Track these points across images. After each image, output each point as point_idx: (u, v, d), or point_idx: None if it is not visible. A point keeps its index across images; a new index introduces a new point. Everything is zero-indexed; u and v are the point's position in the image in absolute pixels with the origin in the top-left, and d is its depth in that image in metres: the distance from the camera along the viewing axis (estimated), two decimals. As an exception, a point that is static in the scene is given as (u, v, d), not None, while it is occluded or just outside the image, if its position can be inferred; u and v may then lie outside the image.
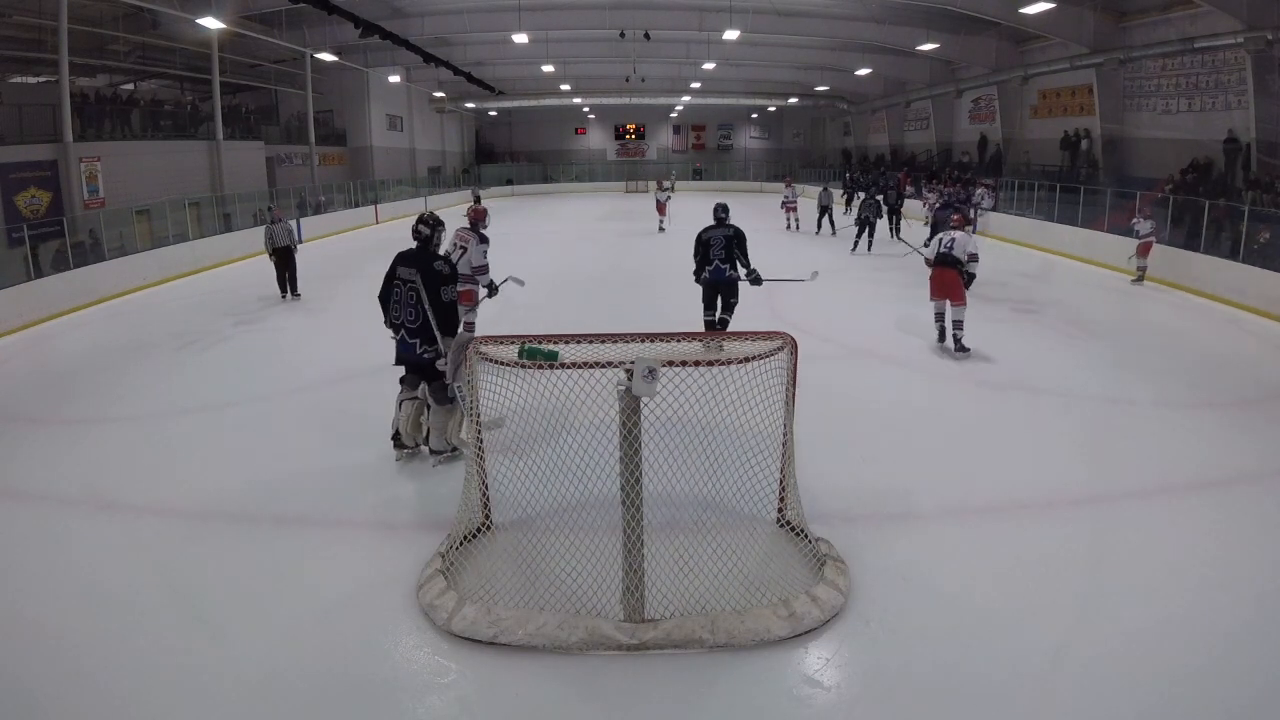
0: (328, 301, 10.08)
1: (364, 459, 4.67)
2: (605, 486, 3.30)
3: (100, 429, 5.48)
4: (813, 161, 36.43)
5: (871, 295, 10.19)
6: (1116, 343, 7.64)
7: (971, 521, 3.91)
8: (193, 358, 7.40)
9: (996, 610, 3.13)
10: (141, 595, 3.30)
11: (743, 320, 7.22)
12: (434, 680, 2.78)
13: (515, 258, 11.65)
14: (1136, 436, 5.14)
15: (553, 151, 39.25)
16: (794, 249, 14.43)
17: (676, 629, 2.92)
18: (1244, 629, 3.00)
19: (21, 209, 13.34)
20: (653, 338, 3.30)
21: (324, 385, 6.31)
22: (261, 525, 3.95)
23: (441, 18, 19.90)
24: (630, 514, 2.93)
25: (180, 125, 18.48)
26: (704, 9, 18.98)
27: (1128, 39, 15.79)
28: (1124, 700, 2.61)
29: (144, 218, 13.55)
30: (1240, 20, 12.61)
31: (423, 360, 4.37)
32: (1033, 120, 20.39)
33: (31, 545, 3.79)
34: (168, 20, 16.31)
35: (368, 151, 26.19)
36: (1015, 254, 14.22)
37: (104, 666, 2.84)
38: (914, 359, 6.91)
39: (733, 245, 6.51)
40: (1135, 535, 3.78)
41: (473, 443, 3.55)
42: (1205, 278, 10.09)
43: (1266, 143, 13.00)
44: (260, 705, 2.65)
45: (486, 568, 3.39)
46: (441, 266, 4.36)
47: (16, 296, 9.14)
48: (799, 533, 3.50)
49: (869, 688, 2.73)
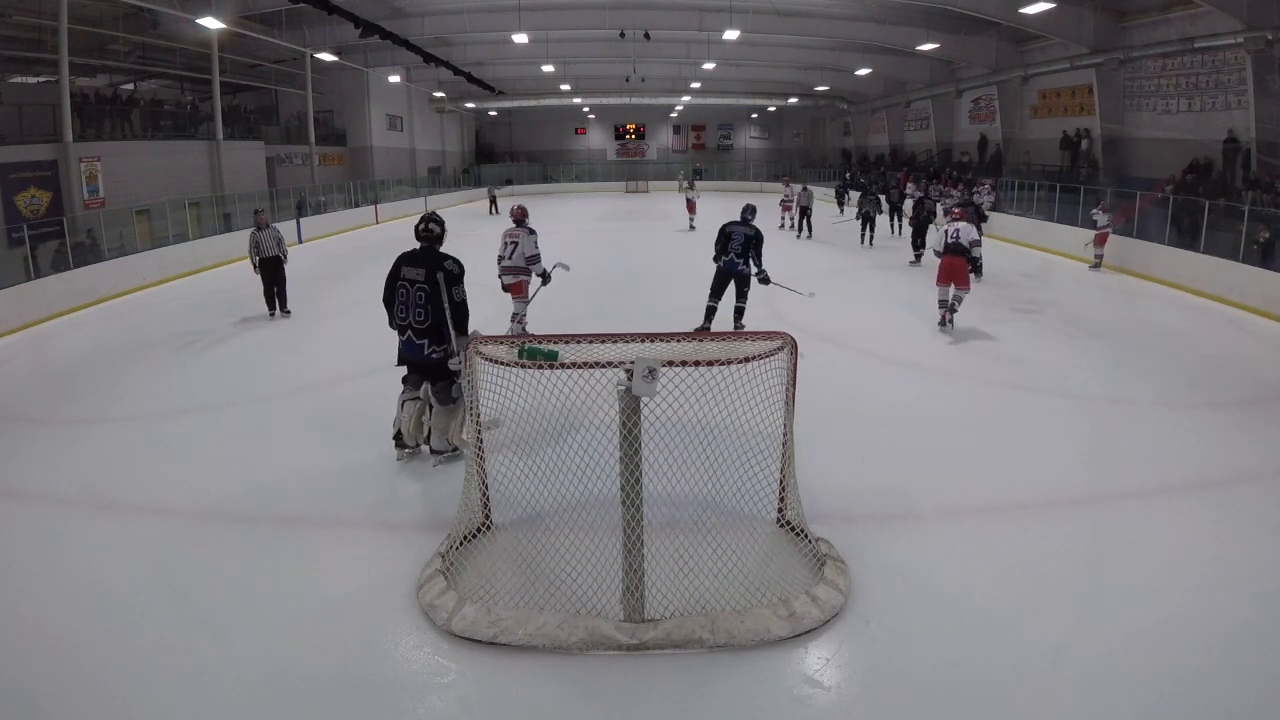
0: (326, 306, 10.05)
1: (364, 459, 4.67)
2: (605, 486, 3.30)
3: (100, 429, 5.48)
4: (813, 161, 36.42)
5: (871, 296, 10.20)
6: (1116, 343, 7.65)
7: (971, 521, 3.90)
8: (193, 358, 7.40)
9: (996, 610, 3.13)
10: (141, 595, 3.30)
11: (743, 320, 7.36)
12: (434, 680, 2.78)
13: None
14: (1136, 436, 5.14)
15: (553, 151, 39.24)
16: (790, 249, 14.43)
17: (676, 629, 2.92)
18: (1244, 629, 3.00)
19: (21, 209, 13.33)
20: (653, 338, 3.30)
21: (324, 385, 6.30)
22: (261, 525, 3.95)
23: (441, 18, 19.89)
24: (630, 514, 2.93)
25: (180, 125, 18.47)
26: (704, 9, 18.97)
27: (1128, 39, 15.79)
28: (1124, 700, 2.61)
29: (144, 218, 13.54)
30: (1240, 20, 12.60)
31: (430, 361, 4.36)
32: (1033, 120, 20.38)
33: (31, 545, 3.79)
34: (168, 20, 16.31)
35: (368, 151, 26.18)
36: (1015, 254, 14.22)
37: (104, 666, 2.84)
38: (914, 359, 6.91)
39: (750, 244, 7.17)
40: (1135, 535, 3.78)
41: (473, 443, 3.55)
42: (1205, 278, 10.10)
43: (1266, 143, 12.99)
44: (260, 705, 2.65)
45: (486, 568, 3.39)
46: (452, 266, 4.36)
47: (16, 296, 9.14)
48: (799, 533, 3.50)
49: (869, 688, 2.73)
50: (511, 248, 6.88)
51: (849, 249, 14.59)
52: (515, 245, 6.85)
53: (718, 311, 7.45)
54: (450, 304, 4.31)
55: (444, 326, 4.32)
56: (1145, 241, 11.80)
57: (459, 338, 4.32)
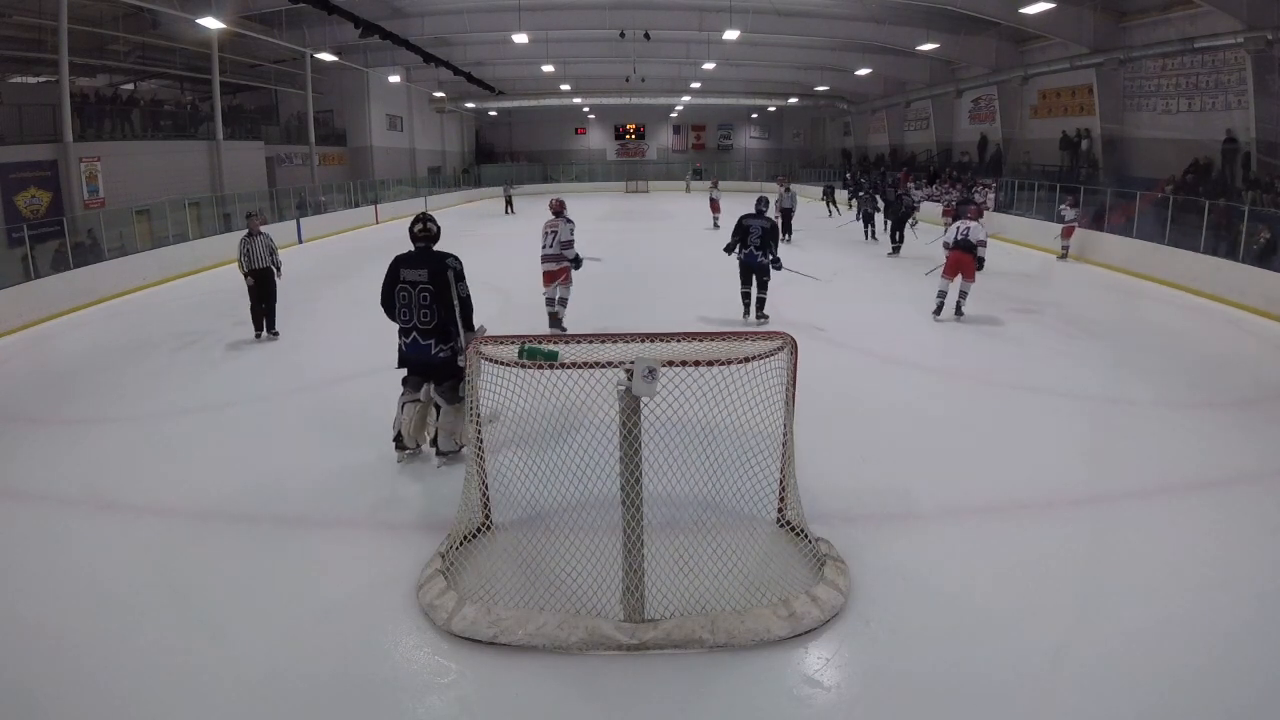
0: (326, 306, 10.06)
1: (364, 459, 4.67)
2: (605, 486, 3.30)
3: (100, 429, 5.48)
4: (813, 161, 36.43)
5: (871, 296, 10.20)
6: (1116, 343, 7.64)
7: (971, 521, 3.90)
8: (193, 358, 7.40)
9: (996, 610, 3.13)
10: (141, 595, 3.30)
11: (743, 320, 7.39)
12: (434, 680, 2.78)
13: (516, 256, 11.67)
14: (1136, 436, 5.14)
15: (553, 151, 39.24)
16: (784, 252, 14.43)
17: (676, 629, 2.92)
18: (1244, 629, 3.00)
19: (21, 209, 13.33)
20: (653, 338, 3.30)
21: (324, 385, 6.30)
22: (261, 525, 3.95)
23: (441, 18, 19.89)
24: (630, 514, 2.93)
25: (180, 125, 18.47)
26: (704, 9, 18.97)
27: (1128, 39, 15.79)
28: (1124, 700, 2.61)
29: (144, 218, 13.54)
30: (1240, 20, 12.60)
31: (437, 360, 4.37)
32: (1033, 120, 20.38)
33: (31, 545, 3.79)
34: (168, 20, 16.30)
35: (368, 151, 26.18)
36: (1015, 254, 14.22)
37: (104, 666, 2.84)
38: (914, 359, 6.90)
39: (767, 235, 7.75)
40: (1135, 535, 3.78)
41: (473, 442, 3.55)
42: (1205, 278, 10.10)
43: (1266, 143, 12.99)
44: (260, 705, 2.65)
45: (486, 568, 3.39)
46: (455, 263, 4.38)
47: (16, 296, 9.14)
48: (799, 533, 3.50)
49: (869, 688, 2.73)
50: (551, 237, 7.35)
51: (848, 249, 14.60)
52: (554, 234, 7.33)
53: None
54: (458, 300, 4.33)
55: (451, 324, 4.34)
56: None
57: (467, 333, 4.34)
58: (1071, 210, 13.31)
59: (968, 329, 7.96)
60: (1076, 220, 13.26)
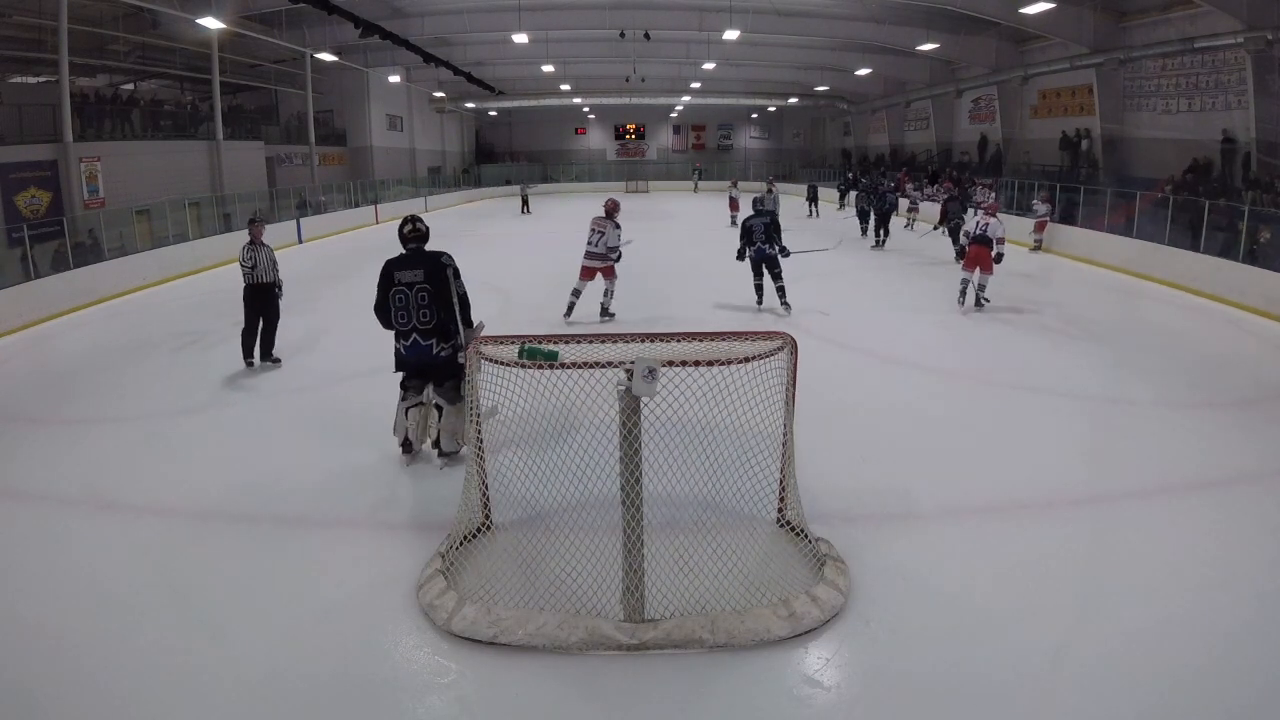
0: (326, 306, 10.05)
1: (364, 459, 4.67)
2: (605, 486, 3.29)
3: (100, 429, 5.48)
4: (813, 161, 36.42)
5: (870, 296, 10.19)
6: (1116, 343, 7.64)
7: (971, 521, 3.90)
8: (193, 358, 7.40)
9: (996, 610, 3.13)
10: (141, 595, 3.30)
11: (743, 320, 7.39)
12: (434, 680, 2.78)
13: (516, 257, 11.69)
14: (1136, 436, 5.14)
15: (553, 151, 39.24)
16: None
17: (676, 629, 2.92)
18: (1244, 629, 3.00)
19: (21, 209, 13.33)
20: (653, 338, 3.30)
21: (324, 385, 6.30)
22: (261, 525, 3.95)
23: (441, 18, 19.89)
24: (630, 514, 2.93)
25: (180, 125, 18.47)
26: (704, 9, 18.97)
27: (1128, 39, 15.79)
28: (1124, 700, 2.61)
29: (144, 218, 13.54)
30: (1240, 20, 12.60)
31: (439, 360, 4.38)
32: (1033, 120, 20.38)
33: (31, 545, 3.79)
34: (168, 20, 16.31)
35: (368, 151, 26.18)
36: (1015, 254, 14.20)
37: (104, 666, 2.84)
38: (914, 359, 6.90)
39: (771, 229, 8.34)
40: (1135, 535, 3.78)
41: (473, 442, 3.54)
42: (1205, 278, 10.10)
43: (1266, 143, 12.99)
44: (260, 705, 2.65)
45: (486, 568, 3.39)
46: (449, 261, 4.39)
47: (16, 296, 9.13)
48: (799, 533, 3.50)
49: (869, 688, 2.73)
50: (598, 236, 7.88)
51: (847, 249, 14.58)
52: (602, 235, 7.86)
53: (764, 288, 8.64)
54: (457, 297, 4.34)
55: (451, 323, 4.34)
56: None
57: (466, 330, 4.35)
58: (1044, 205, 14.25)
59: (968, 329, 7.96)
60: (1048, 215, 14.21)
